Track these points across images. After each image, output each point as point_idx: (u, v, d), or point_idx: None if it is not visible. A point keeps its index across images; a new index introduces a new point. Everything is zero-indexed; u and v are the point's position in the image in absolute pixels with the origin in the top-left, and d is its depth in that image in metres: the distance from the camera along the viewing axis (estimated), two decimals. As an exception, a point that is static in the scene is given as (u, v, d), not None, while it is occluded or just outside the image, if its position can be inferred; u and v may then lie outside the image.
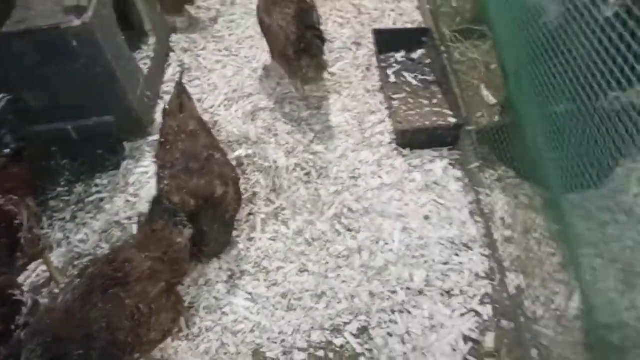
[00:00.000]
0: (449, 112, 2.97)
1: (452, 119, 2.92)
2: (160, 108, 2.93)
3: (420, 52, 3.38)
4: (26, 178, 2.38)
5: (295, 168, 2.89)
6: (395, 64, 3.33)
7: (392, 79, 3.24)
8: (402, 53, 3.40)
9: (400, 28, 3.57)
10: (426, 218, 2.64)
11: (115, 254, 1.96)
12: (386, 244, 2.54)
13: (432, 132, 2.85)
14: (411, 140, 2.86)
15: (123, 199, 2.82)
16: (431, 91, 3.14)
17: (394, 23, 3.72)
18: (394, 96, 3.12)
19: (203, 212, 2.27)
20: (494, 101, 2.99)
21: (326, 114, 3.13)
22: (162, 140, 2.45)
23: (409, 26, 3.63)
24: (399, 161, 2.87)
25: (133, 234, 2.35)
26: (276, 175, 2.86)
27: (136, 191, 2.85)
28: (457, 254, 2.50)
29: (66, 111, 2.78)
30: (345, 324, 2.30)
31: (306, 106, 3.17)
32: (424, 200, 2.70)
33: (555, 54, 1.92)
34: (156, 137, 2.74)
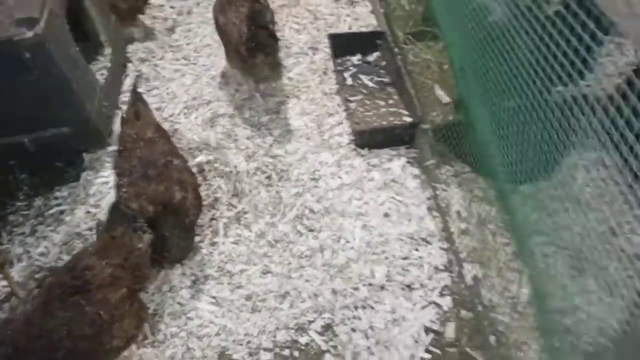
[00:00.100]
0: (405, 112, 3.04)
1: (408, 118, 2.98)
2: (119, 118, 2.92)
3: (375, 55, 3.45)
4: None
5: (256, 172, 2.91)
6: (351, 67, 3.39)
7: (349, 82, 3.30)
8: (358, 56, 3.46)
9: (355, 32, 3.63)
10: (386, 215, 2.69)
11: (74, 262, 1.95)
12: (347, 242, 2.59)
13: (389, 132, 2.92)
14: (369, 140, 2.92)
15: (83, 210, 2.80)
16: (387, 92, 3.21)
17: (350, 27, 3.78)
18: (351, 98, 3.18)
19: (163, 218, 2.28)
20: (448, 100, 3.07)
21: (285, 118, 3.17)
22: (120, 148, 2.45)
23: (364, 30, 3.70)
24: (358, 161, 2.92)
25: (93, 243, 2.34)
26: (237, 179, 2.89)
27: (97, 202, 2.84)
28: (417, 249, 2.56)
29: (22, 124, 2.75)
30: (309, 322, 2.33)
31: (265, 111, 3.21)
32: (383, 198, 2.76)
33: (499, 52, 2.00)
34: (115, 147, 2.73)
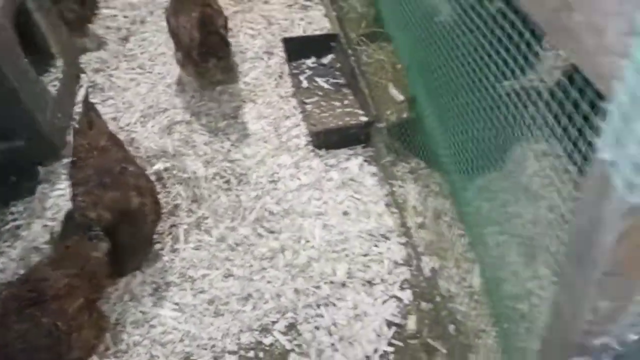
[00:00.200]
0: (360, 112, 3.09)
1: (363, 118, 3.03)
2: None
3: (330, 57, 3.50)
4: None
5: (214, 177, 2.92)
6: (306, 70, 3.43)
7: (305, 84, 3.33)
8: (313, 59, 3.50)
9: (309, 35, 3.68)
10: (345, 214, 2.73)
11: (29, 274, 1.93)
12: (308, 242, 2.62)
13: (345, 132, 2.96)
14: (326, 140, 2.95)
15: (40, 224, 2.75)
16: (342, 93, 3.26)
17: (304, 31, 3.82)
18: (307, 100, 3.21)
19: (121, 225, 2.26)
20: (402, 98, 3.13)
21: (242, 123, 3.18)
22: (74, 159, 2.42)
23: (318, 33, 3.74)
24: (316, 162, 2.96)
25: (48, 254, 2.32)
26: (196, 185, 2.88)
27: (54, 215, 2.79)
28: (376, 245, 2.60)
29: (-28, 138, 2.71)
30: (273, 323, 2.34)
31: (222, 116, 3.21)
32: (342, 197, 2.80)
33: (442, 49, 2.06)
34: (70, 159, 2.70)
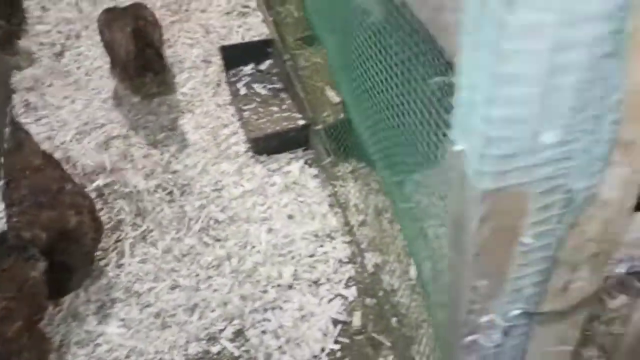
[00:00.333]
0: (298, 115, 3.13)
1: (302, 121, 3.07)
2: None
3: (268, 63, 3.53)
4: None
5: (156, 189, 2.90)
6: (244, 77, 3.45)
7: (243, 92, 3.35)
8: (251, 65, 3.52)
9: (245, 42, 3.69)
10: (290, 217, 2.76)
11: (-38, 301, 1.89)
12: (254, 247, 2.63)
13: (284, 136, 2.99)
14: (266, 146, 2.98)
15: (-23, 249, 2.69)
16: (280, 98, 3.29)
17: (243, 38, 3.83)
18: (245, 107, 3.23)
19: (59, 245, 2.23)
20: (338, 99, 3.18)
21: (181, 134, 3.17)
22: (7, 180, 2.37)
23: (256, 39, 3.76)
24: (258, 168, 2.97)
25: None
26: (139, 199, 2.86)
27: (-9, 239, 2.73)
28: (322, 245, 2.64)
29: None
30: (220, 331, 2.35)
31: (160, 128, 3.20)
32: (286, 200, 2.83)
33: (361, 52, 2.12)
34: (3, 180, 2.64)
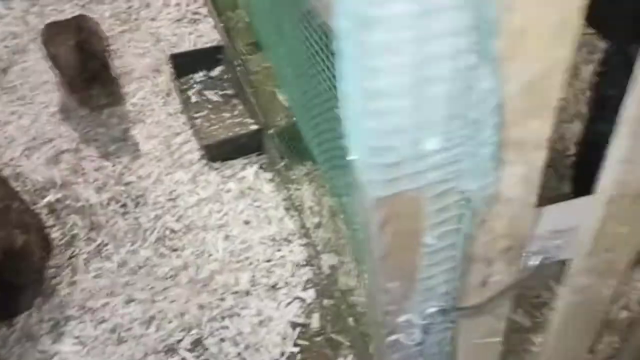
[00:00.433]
0: (250, 120, 3.12)
1: (253, 126, 3.06)
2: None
3: (219, 69, 3.51)
4: None
5: (109, 202, 2.86)
6: (195, 84, 3.42)
7: (194, 99, 3.32)
8: (203, 72, 3.50)
9: (196, 49, 3.65)
10: (246, 222, 2.75)
11: None
12: (210, 255, 2.61)
13: (237, 142, 2.98)
14: (219, 153, 2.96)
15: None
16: (232, 104, 3.28)
17: (194, 45, 3.80)
18: (196, 115, 3.21)
19: (6, 264, 2.18)
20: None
21: (133, 144, 3.13)
22: (-51, 202, 2.32)
23: (208, 46, 3.73)
24: (212, 175, 2.96)
25: None
26: (92, 213, 2.82)
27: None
28: (279, 249, 2.63)
29: None
30: (178, 342, 2.32)
31: (111, 140, 3.15)
32: (242, 206, 2.82)
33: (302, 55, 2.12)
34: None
